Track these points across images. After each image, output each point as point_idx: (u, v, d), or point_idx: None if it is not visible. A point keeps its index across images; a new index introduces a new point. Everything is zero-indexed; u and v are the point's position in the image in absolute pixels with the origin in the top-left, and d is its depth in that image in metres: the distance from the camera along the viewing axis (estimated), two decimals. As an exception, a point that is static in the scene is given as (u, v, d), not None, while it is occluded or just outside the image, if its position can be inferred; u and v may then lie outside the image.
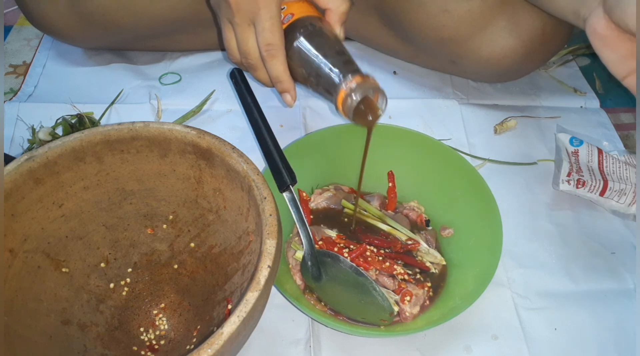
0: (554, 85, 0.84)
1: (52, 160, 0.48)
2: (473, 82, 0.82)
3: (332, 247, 0.57)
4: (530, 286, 0.60)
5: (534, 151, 0.74)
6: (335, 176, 0.65)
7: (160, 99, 0.77)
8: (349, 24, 0.80)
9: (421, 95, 0.81)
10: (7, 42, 0.88)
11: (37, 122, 0.72)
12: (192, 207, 0.54)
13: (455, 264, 0.58)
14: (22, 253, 0.47)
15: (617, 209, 0.65)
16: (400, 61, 0.84)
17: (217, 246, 0.53)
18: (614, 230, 0.65)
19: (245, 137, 0.73)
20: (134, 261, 0.55)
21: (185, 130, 0.49)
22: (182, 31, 0.79)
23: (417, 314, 0.54)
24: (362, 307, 0.54)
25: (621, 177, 0.67)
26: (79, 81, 0.80)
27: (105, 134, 0.49)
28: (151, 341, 0.53)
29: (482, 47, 0.71)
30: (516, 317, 0.57)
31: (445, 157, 0.62)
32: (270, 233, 0.43)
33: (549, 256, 0.63)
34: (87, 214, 0.52)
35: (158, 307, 0.55)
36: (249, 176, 0.47)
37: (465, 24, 0.69)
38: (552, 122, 0.78)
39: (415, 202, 0.64)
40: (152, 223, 0.55)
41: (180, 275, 0.55)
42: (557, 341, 0.56)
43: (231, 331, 0.38)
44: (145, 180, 0.53)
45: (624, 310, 0.58)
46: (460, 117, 0.78)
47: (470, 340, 0.55)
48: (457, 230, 0.61)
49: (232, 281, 0.51)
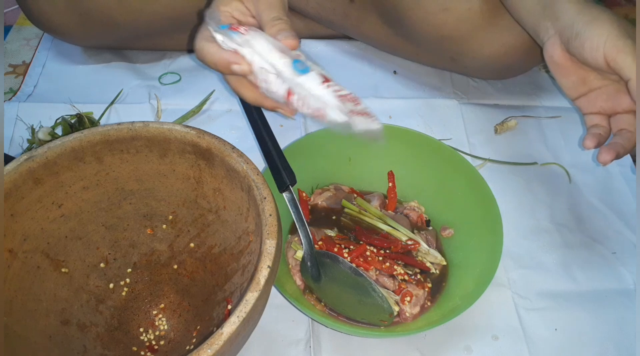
0: (554, 85, 0.84)
1: (51, 160, 0.47)
2: (473, 81, 0.82)
3: (332, 247, 0.57)
4: (531, 287, 0.60)
5: (534, 151, 0.74)
6: (335, 176, 0.65)
7: (160, 98, 0.77)
8: (349, 23, 0.80)
9: (421, 95, 0.81)
10: (7, 41, 0.88)
11: (36, 122, 0.71)
12: (192, 207, 0.53)
13: (455, 264, 0.58)
14: (21, 253, 0.47)
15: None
16: (401, 59, 0.84)
17: (217, 247, 0.53)
18: (614, 230, 0.65)
19: (245, 137, 0.73)
20: (134, 262, 0.55)
21: (185, 130, 0.49)
22: (182, 30, 0.79)
23: (418, 314, 0.54)
24: (362, 308, 0.53)
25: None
26: (78, 81, 0.80)
27: (105, 134, 0.49)
28: (151, 342, 0.53)
29: (483, 44, 0.71)
30: (516, 317, 0.57)
31: (445, 157, 0.62)
32: (270, 233, 0.43)
33: (549, 256, 0.63)
34: (86, 215, 0.52)
35: (158, 307, 0.55)
36: (248, 176, 0.46)
37: (465, 22, 0.69)
38: (553, 122, 0.78)
39: (415, 202, 0.64)
40: (151, 223, 0.55)
41: (180, 275, 0.55)
42: (557, 342, 0.56)
43: (231, 332, 0.38)
44: (145, 180, 0.52)
45: (624, 310, 0.58)
46: (461, 117, 0.78)
47: (471, 340, 0.55)
48: (457, 230, 0.61)
49: (231, 282, 0.51)
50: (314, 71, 0.45)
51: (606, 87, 0.56)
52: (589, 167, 0.72)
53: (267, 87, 0.47)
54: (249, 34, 0.46)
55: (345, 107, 0.45)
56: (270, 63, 0.45)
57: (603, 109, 0.56)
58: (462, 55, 0.74)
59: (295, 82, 0.45)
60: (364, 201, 0.63)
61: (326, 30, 0.85)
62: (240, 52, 0.46)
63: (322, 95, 0.44)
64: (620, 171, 0.72)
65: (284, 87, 0.46)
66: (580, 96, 0.57)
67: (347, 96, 0.46)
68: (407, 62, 0.84)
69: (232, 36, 0.46)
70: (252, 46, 0.46)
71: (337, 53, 0.85)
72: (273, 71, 0.45)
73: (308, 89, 0.45)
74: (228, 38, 0.47)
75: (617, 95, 0.55)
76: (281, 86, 0.46)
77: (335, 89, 0.45)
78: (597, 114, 0.57)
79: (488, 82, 0.82)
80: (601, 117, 0.56)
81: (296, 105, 0.46)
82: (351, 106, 0.45)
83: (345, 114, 0.44)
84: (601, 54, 0.50)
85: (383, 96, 0.80)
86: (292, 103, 0.46)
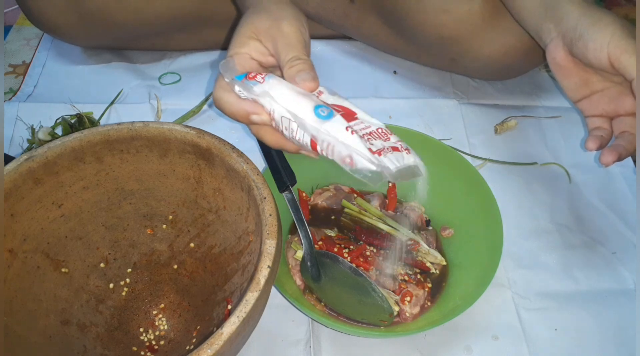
0: (554, 85, 0.84)
1: (51, 160, 0.47)
2: (473, 81, 0.82)
3: (332, 247, 0.57)
4: (531, 287, 0.60)
5: (534, 151, 0.74)
6: (335, 176, 0.65)
7: (160, 98, 0.77)
8: (349, 23, 0.81)
9: (421, 95, 0.81)
10: (7, 41, 0.88)
11: (36, 122, 0.71)
12: (192, 207, 0.53)
13: (455, 264, 0.58)
14: (21, 253, 0.47)
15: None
16: (401, 60, 0.84)
17: (217, 246, 0.53)
18: (615, 230, 0.65)
19: (245, 137, 0.73)
20: (134, 262, 0.55)
21: (185, 130, 0.49)
22: (182, 30, 0.79)
23: (418, 314, 0.54)
24: (362, 308, 0.53)
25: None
26: (78, 81, 0.80)
27: (105, 134, 0.49)
28: (151, 342, 0.53)
29: (483, 45, 0.71)
30: (516, 317, 0.57)
31: (445, 157, 0.62)
32: (270, 233, 0.43)
33: (549, 256, 0.63)
34: (86, 215, 0.52)
35: (158, 307, 0.55)
36: (248, 176, 0.46)
37: (465, 23, 0.69)
38: (553, 122, 0.78)
39: (416, 202, 0.64)
40: (151, 223, 0.55)
41: (180, 275, 0.55)
42: (557, 342, 0.56)
43: (231, 332, 0.38)
44: (145, 180, 0.52)
45: (624, 310, 0.58)
46: (461, 117, 0.78)
47: (471, 340, 0.55)
48: (457, 230, 0.61)
49: (231, 282, 0.51)
50: (338, 114, 0.42)
51: (608, 89, 0.56)
52: (589, 168, 0.72)
53: (290, 136, 0.43)
54: (267, 82, 0.43)
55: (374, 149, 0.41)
56: (292, 112, 0.42)
57: (605, 112, 0.56)
58: (462, 56, 0.74)
59: (319, 130, 0.41)
60: (364, 201, 0.63)
61: (326, 31, 0.85)
62: (260, 102, 0.44)
63: (349, 141, 0.41)
64: (621, 171, 0.72)
65: (307, 136, 0.42)
66: (583, 98, 0.57)
67: (374, 133, 0.43)
68: (407, 62, 0.84)
69: (250, 86, 0.44)
70: (272, 95, 0.43)
71: (337, 53, 0.85)
72: (295, 120, 0.42)
73: (333, 137, 0.41)
74: (245, 89, 0.44)
75: (620, 97, 0.55)
76: (305, 135, 0.42)
77: (361, 128, 0.42)
78: (599, 117, 0.57)
79: (488, 82, 0.82)
80: (603, 120, 0.56)
81: (323, 153, 0.42)
82: (381, 143, 0.42)
83: (375, 159, 0.40)
84: (605, 54, 0.50)
85: (383, 96, 0.80)
86: (320, 152, 0.43)
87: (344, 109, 0.44)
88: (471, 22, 0.69)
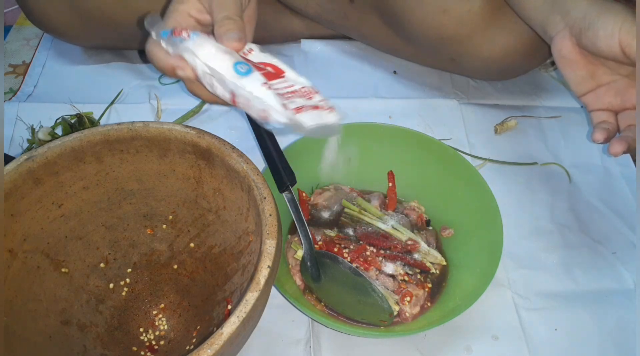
0: (554, 85, 0.84)
1: (51, 160, 0.47)
2: (473, 81, 0.82)
3: (332, 247, 0.57)
4: (531, 287, 0.60)
5: (534, 151, 0.74)
6: (335, 176, 0.65)
7: (160, 98, 0.77)
8: (349, 23, 0.80)
9: (421, 95, 0.81)
10: (7, 41, 0.88)
11: (36, 122, 0.71)
12: (192, 207, 0.53)
13: (455, 264, 0.58)
14: (21, 253, 0.47)
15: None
16: (401, 60, 0.84)
17: (217, 247, 0.53)
18: (615, 230, 0.65)
19: (245, 137, 0.72)
20: (134, 262, 0.55)
21: (185, 130, 0.49)
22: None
23: (417, 314, 0.54)
24: (361, 307, 0.53)
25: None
26: (78, 81, 0.80)
27: (105, 134, 0.49)
28: (151, 342, 0.53)
29: (483, 46, 0.71)
30: (516, 317, 0.57)
31: (445, 157, 0.62)
32: (270, 233, 0.43)
33: (550, 256, 0.63)
34: (86, 214, 0.52)
35: (158, 307, 0.55)
36: (248, 176, 0.46)
37: (465, 24, 0.69)
38: (553, 122, 0.78)
39: (415, 202, 0.64)
40: (151, 223, 0.55)
41: (180, 275, 0.55)
42: (557, 342, 0.56)
43: (231, 332, 0.38)
44: (145, 180, 0.52)
45: (624, 310, 0.58)
46: (461, 117, 0.78)
47: (471, 340, 0.55)
48: (457, 230, 0.61)
49: (231, 282, 0.51)
50: (257, 71, 0.44)
51: (615, 82, 0.55)
52: (589, 167, 0.72)
53: (213, 91, 0.45)
54: (191, 39, 0.45)
55: (289, 105, 0.43)
56: (211, 68, 0.44)
57: (611, 105, 0.55)
58: (461, 56, 0.74)
59: (237, 86, 0.43)
60: (364, 201, 0.63)
61: (326, 31, 0.85)
62: (185, 57, 0.45)
63: (264, 96, 0.43)
64: (621, 171, 0.72)
65: (227, 91, 0.44)
66: (588, 92, 0.56)
67: (298, 92, 0.44)
68: (407, 62, 0.84)
69: (175, 42, 0.45)
70: (194, 51, 0.44)
71: (337, 53, 0.85)
72: (215, 76, 0.44)
73: (250, 92, 0.43)
74: (170, 45, 0.45)
75: (627, 90, 0.54)
76: (225, 90, 0.44)
77: (285, 86, 0.44)
78: (605, 111, 0.56)
79: (488, 82, 0.82)
80: (608, 114, 0.56)
81: (242, 107, 0.45)
82: (302, 101, 0.44)
83: (289, 113, 0.42)
84: (616, 41, 0.50)
85: (383, 96, 0.80)
86: (238, 106, 0.45)
87: (273, 67, 0.46)
88: (471, 22, 0.69)
